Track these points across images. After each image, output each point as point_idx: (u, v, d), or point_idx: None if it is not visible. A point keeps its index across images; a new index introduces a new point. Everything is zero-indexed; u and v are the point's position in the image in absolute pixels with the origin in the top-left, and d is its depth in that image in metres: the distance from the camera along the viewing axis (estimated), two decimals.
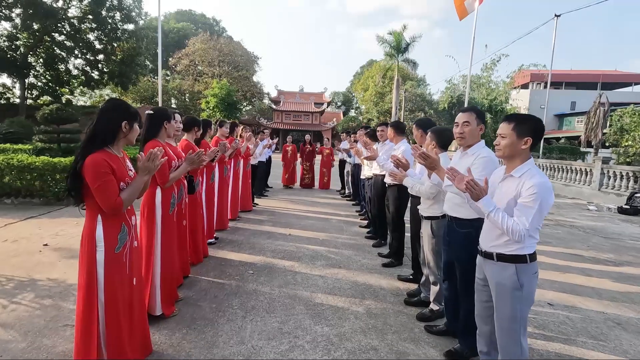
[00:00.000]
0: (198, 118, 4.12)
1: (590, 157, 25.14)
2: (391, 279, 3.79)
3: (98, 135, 1.80)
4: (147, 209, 2.61)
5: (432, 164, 2.32)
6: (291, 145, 10.29)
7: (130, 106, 1.95)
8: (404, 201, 4.15)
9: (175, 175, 2.70)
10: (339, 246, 4.87)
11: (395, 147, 4.17)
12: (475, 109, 2.31)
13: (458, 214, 2.34)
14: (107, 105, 1.89)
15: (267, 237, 5.13)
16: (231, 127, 6.00)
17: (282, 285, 3.51)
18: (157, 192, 2.62)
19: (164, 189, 2.66)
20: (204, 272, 3.77)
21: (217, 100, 27.74)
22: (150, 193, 2.61)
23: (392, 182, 4.16)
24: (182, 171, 2.78)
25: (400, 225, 4.19)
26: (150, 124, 2.68)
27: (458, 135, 2.32)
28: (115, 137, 1.87)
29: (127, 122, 1.88)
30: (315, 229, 5.71)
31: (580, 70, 39.13)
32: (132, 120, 1.91)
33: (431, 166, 2.34)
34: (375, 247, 4.86)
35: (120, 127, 1.86)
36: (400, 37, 28.03)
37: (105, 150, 1.81)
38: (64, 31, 24.08)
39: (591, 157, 25.19)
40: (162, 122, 2.67)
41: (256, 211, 6.95)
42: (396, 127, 4.16)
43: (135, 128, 1.95)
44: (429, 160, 2.31)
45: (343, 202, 8.51)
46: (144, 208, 2.63)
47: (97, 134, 1.80)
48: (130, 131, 1.91)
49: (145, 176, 1.89)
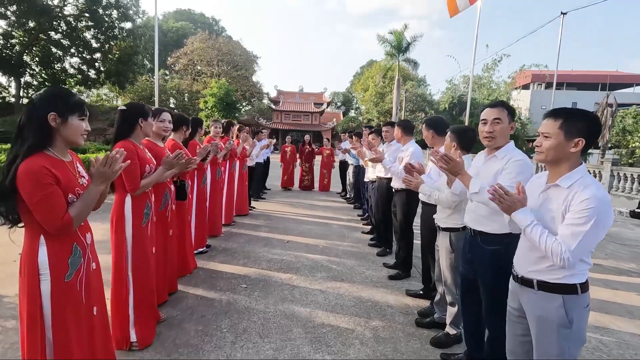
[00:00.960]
0: (187, 116, 3.76)
1: (592, 159, 24.86)
2: (399, 294, 3.43)
3: (25, 136, 1.40)
4: (116, 219, 2.25)
5: (456, 168, 1.96)
6: (290, 146, 9.93)
7: (65, 94, 1.51)
8: (413, 207, 3.80)
9: (149, 181, 2.32)
10: (341, 255, 4.51)
11: (402, 148, 3.81)
12: (506, 104, 1.95)
13: (484, 227, 1.99)
14: (34, 96, 1.48)
15: (263, 245, 4.77)
16: (226, 126, 5.65)
17: (278, 301, 3.15)
18: (127, 200, 2.25)
19: (135, 196, 2.29)
20: (192, 285, 3.41)
21: (216, 100, 27.34)
22: (119, 201, 2.25)
23: (400, 186, 3.82)
24: (158, 176, 2.40)
25: (408, 233, 3.83)
26: (121, 122, 2.30)
27: (487, 134, 1.96)
28: (47, 136, 1.46)
29: (55, 114, 1.44)
30: (315, 235, 5.35)
31: (582, 71, 38.87)
32: (67, 113, 1.47)
33: (454, 171, 1.97)
34: (379, 257, 4.50)
35: (47, 122, 1.43)
36: (401, 36, 27.71)
37: (44, 154, 1.43)
38: (60, 29, 23.71)
39: (596, 158, 24.91)
40: (136, 119, 2.29)
41: (253, 215, 6.59)
42: (404, 126, 3.80)
43: (74, 123, 1.50)
44: (452, 164, 1.95)
45: (344, 205, 8.15)
46: (113, 218, 2.27)
47: (23, 135, 1.41)
48: (65, 126, 1.48)
49: (101, 184, 1.52)
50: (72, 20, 23.66)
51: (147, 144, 2.80)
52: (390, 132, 4.51)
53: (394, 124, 4.58)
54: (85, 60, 25.17)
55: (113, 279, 2.30)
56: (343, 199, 8.86)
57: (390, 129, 4.52)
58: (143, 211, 2.31)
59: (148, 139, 2.85)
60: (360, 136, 7.37)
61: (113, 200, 2.31)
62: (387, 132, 4.54)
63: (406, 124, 3.84)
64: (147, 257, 2.34)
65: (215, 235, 4.95)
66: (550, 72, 33.16)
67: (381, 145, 4.65)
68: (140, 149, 2.33)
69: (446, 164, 1.96)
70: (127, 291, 2.27)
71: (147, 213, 2.35)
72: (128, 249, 2.25)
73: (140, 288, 2.32)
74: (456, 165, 1.95)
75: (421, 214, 3.13)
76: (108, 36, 24.49)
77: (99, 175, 1.52)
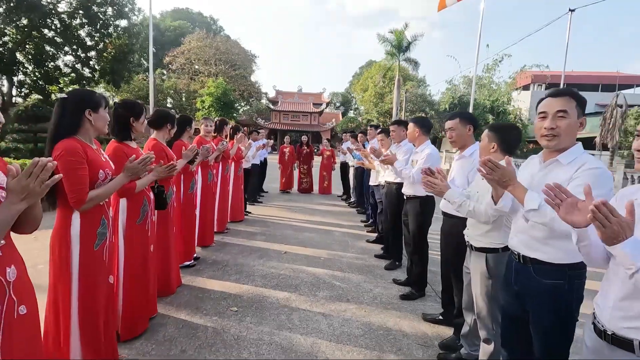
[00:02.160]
0: (171, 112, 3.28)
1: None
2: (414, 319, 2.96)
3: None
4: (58, 246, 1.75)
5: (505, 177, 1.48)
6: (289, 147, 9.45)
7: None
8: (428, 216, 3.35)
9: (103, 192, 1.83)
10: (345, 268, 4.04)
11: (417, 150, 3.35)
12: (575, 93, 1.48)
13: (539, 253, 1.52)
14: None
15: (258, 257, 4.29)
16: (219, 125, 5.18)
17: (274, 330, 2.68)
18: (74, 218, 1.76)
19: (84, 212, 1.80)
20: (174, 308, 2.93)
21: (213, 100, 26.85)
22: (61, 221, 1.76)
23: (413, 193, 3.36)
24: (116, 185, 1.91)
25: (422, 246, 3.37)
26: (61, 115, 1.77)
27: (547, 131, 1.49)
28: None
29: None
30: (316, 245, 4.87)
31: (582, 72, 38.60)
32: None
33: (503, 181, 1.50)
34: (388, 270, 4.03)
35: None
36: (402, 35, 27.35)
37: None
38: (54, 27, 23.20)
39: (606, 160, 24.65)
40: (82, 111, 1.80)
41: (248, 221, 6.11)
42: (421, 124, 3.33)
43: None
44: (500, 172, 1.48)
45: (346, 209, 7.68)
46: (54, 244, 1.78)
47: None
48: None
49: (20, 203, 1.09)
50: (65, 17, 23.14)
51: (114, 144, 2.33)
52: (397, 131, 4.05)
53: (403, 122, 4.12)
54: (79, 58, 24.66)
55: (47, 322, 1.83)
56: (345, 203, 8.39)
57: (398, 128, 4.06)
58: (96, 231, 1.82)
59: None
60: (365, 135, 6.93)
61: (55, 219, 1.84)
62: (394, 132, 4.08)
63: (424, 122, 3.38)
64: (96, 294, 1.83)
65: (206, 246, 4.48)
66: (552, 72, 32.97)
67: (392, 145, 4.19)
68: (92, 150, 1.84)
69: (493, 172, 1.48)
70: (68, 341, 1.79)
71: (102, 233, 1.85)
72: (73, 285, 1.76)
73: (88, 329, 1.83)
74: (505, 173, 1.48)
75: (442, 226, 2.67)
76: (103, 34, 23.99)
77: (18, 190, 1.08)
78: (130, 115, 2.32)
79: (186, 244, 3.82)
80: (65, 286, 1.81)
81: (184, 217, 3.78)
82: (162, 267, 3.03)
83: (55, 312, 1.85)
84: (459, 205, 1.97)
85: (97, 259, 1.89)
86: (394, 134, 4.08)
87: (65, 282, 1.80)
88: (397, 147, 4.06)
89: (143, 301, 2.45)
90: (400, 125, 4.07)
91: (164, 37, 43.01)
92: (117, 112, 2.30)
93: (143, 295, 2.45)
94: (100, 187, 1.82)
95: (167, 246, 3.07)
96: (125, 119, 2.30)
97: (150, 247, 2.56)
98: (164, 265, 3.05)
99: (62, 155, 1.73)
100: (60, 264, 1.80)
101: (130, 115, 2.31)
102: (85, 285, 1.84)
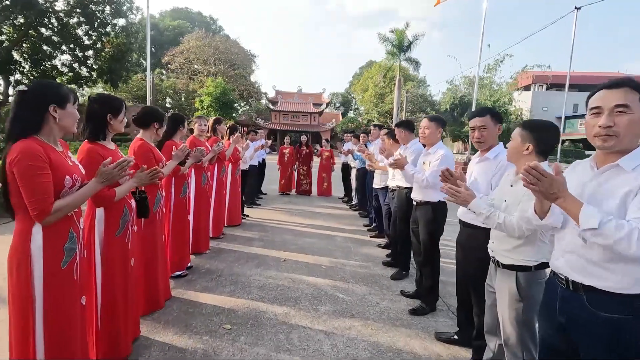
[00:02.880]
0: (161, 110, 3.00)
1: None
2: (426, 338, 2.68)
3: None
4: (17, 264, 1.48)
5: (553, 188, 1.19)
6: (289, 147, 9.12)
7: None
8: (440, 224, 3.08)
9: (72, 202, 1.56)
10: (348, 278, 3.76)
11: (429, 151, 3.08)
12: (636, 84, 1.19)
13: (596, 280, 1.23)
14: None
15: (255, 265, 4.01)
16: (214, 124, 4.91)
17: (271, 351, 2.40)
18: (34, 232, 1.48)
19: (47, 225, 1.53)
20: (161, 326, 2.65)
21: (212, 99, 26.56)
22: (20, 235, 1.49)
23: (423, 199, 3.09)
24: (86, 193, 1.63)
25: (433, 256, 3.10)
26: (20, 111, 1.51)
27: (603, 131, 1.21)
28: None
29: None
30: (317, 252, 4.60)
31: (583, 72, 38.42)
32: None
33: (550, 193, 1.21)
34: (394, 280, 3.75)
35: None
36: (403, 35, 27.06)
37: None
38: (50, 25, 22.91)
39: None
40: (45, 107, 1.51)
41: (245, 225, 5.83)
42: (442, 122, 3.08)
43: None
44: (547, 182, 1.19)
45: (347, 212, 7.40)
46: (12, 262, 1.50)
47: None
48: None
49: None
50: (63, 15, 22.85)
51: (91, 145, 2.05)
52: (404, 133, 3.79)
53: (407, 123, 3.88)
54: (76, 57, 24.38)
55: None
56: (346, 206, 8.11)
57: (405, 131, 3.80)
58: (62, 245, 1.54)
59: None
60: (367, 135, 6.67)
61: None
62: (402, 134, 3.81)
63: (442, 120, 3.12)
64: (66, 319, 1.57)
65: (200, 253, 4.20)
66: (554, 72, 32.73)
67: (401, 147, 3.92)
68: (56, 152, 1.56)
69: (537, 182, 1.20)
70: None
71: (70, 248, 1.58)
72: (37, 310, 1.48)
73: None
74: (555, 184, 1.20)
75: (459, 237, 2.40)
76: (100, 33, 23.74)
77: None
78: (107, 111, 2.04)
79: (178, 252, 3.55)
80: (26, 312, 1.53)
81: (175, 224, 3.51)
82: (148, 280, 2.76)
83: (19, 343, 1.57)
84: (486, 217, 1.69)
85: (65, 279, 1.61)
86: (403, 135, 3.81)
87: (25, 307, 1.53)
88: (404, 148, 3.80)
89: (124, 323, 2.17)
90: (406, 128, 3.81)
91: (162, 36, 42.77)
92: (91, 107, 2.02)
93: (124, 317, 2.17)
94: (67, 195, 1.54)
95: (154, 257, 2.79)
96: (102, 115, 2.03)
97: (130, 262, 2.28)
98: (150, 278, 2.77)
99: (19, 160, 1.46)
100: (19, 285, 1.53)
101: (107, 112, 2.03)
102: (51, 310, 1.57)
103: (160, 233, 2.93)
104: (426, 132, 3.04)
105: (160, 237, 2.93)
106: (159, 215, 2.87)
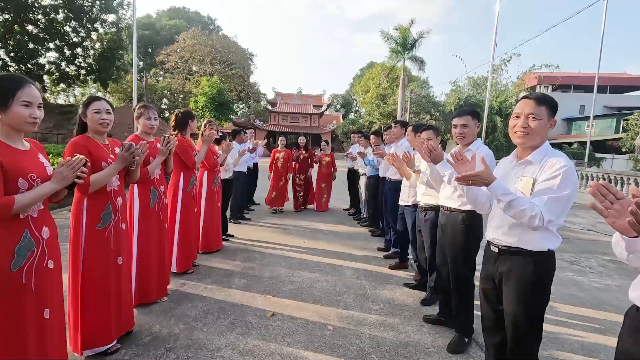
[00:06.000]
0: None
1: (605, 163, 23.12)
2: None
3: None
4: None
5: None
6: (284, 151, 7.16)
7: None
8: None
9: None
10: (368, 351, 2.45)
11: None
12: None
13: None
14: None
15: (227, 326, 2.69)
16: (181, 119, 3.65)
17: None
18: None
19: None
20: None
21: (207, 99, 25.27)
22: None
23: (517, 245, 1.76)
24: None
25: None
26: None
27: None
28: None
29: None
30: (319, 297, 3.29)
31: (589, 73, 37.27)
32: None
33: None
34: (454, 354, 2.43)
35: None
36: (407, 32, 25.87)
37: None
38: (36, 21, 21.66)
39: (609, 163, 23.20)
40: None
41: (227, 251, 4.52)
42: (473, 113, 1.86)
43: None
44: None
45: (356, 230, 6.08)
46: None
47: None
48: None
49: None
50: (49, 10, 21.61)
51: None
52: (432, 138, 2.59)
53: (434, 129, 2.74)
54: (64, 55, 23.11)
55: None
56: (354, 220, 6.79)
57: (432, 134, 2.66)
58: None
59: None
60: (379, 136, 5.36)
61: None
62: (409, 136, 2.62)
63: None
64: None
65: (148, 303, 2.89)
66: (562, 74, 31.53)
67: None
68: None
69: None
70: None
71: None
72: None
73: None
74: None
75: None
76: (89, 29, 22.48)
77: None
78: None
79: (93, 323, 2.23)
80: None
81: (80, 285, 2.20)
82: None
83: None
84: None
85: None
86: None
87: None
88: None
89: None
90: (434, 132, 2.62)
91: (159, 36, 41.55)
92: None
93: None
94: None
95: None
96: None
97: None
98: None
99: None
100: None
101: None
102: None
103: None
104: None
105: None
106: None
